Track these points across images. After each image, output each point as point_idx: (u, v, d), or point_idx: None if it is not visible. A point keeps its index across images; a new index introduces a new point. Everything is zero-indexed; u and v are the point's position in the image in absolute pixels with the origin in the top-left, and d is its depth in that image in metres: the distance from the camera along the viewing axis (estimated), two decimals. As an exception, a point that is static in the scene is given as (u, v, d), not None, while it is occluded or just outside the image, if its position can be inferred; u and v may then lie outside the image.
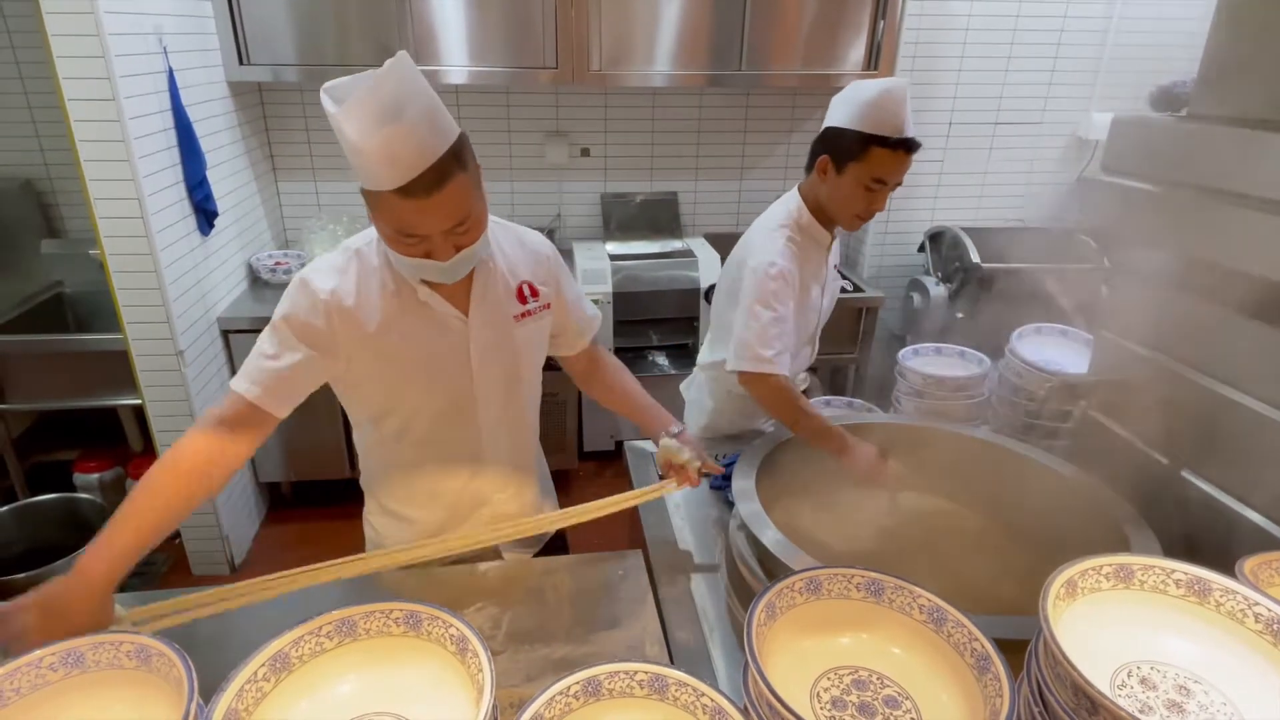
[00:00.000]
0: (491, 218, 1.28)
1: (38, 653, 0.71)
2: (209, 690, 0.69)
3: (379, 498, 1.41)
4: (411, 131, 0.97)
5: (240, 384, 1.15)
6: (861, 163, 1.55)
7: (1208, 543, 1.21)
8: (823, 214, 1.69)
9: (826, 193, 1.64)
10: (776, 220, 1.71)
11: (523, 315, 1.31)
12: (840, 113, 1.58)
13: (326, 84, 1.01)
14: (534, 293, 1.32)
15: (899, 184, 1.59)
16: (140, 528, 1.04)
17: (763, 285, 1.62)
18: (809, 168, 1.68)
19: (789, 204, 1.73)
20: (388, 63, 0.97)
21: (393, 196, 1.00)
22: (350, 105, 0.96)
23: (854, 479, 1.48)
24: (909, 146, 1.54)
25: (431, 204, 1.01)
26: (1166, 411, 1.31)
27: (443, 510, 1.38)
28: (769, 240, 1.68)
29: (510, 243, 1.33)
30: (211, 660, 0.75)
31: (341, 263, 1.19)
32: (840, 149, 1.58)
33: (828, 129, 1.61)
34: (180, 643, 0.73)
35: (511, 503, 1.42)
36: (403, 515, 1.39)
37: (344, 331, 1.17)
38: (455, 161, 1.02)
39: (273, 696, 0.72)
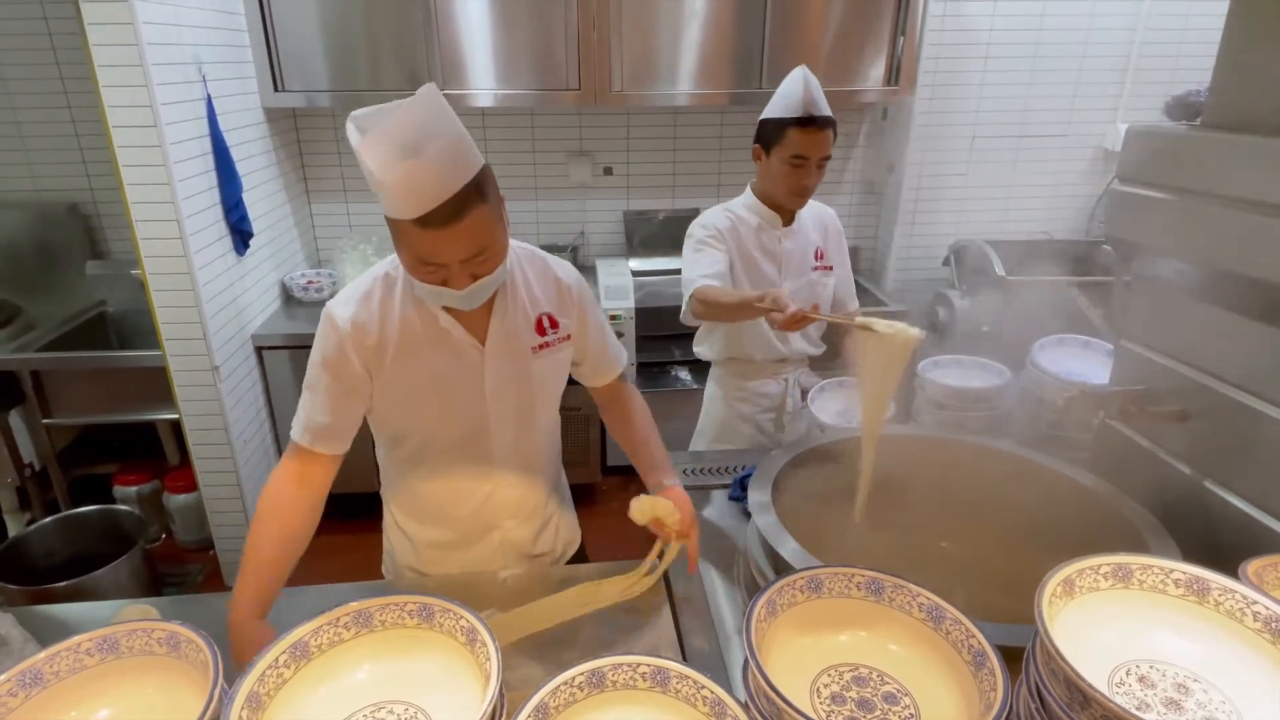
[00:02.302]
0: (520, 244, 1.32)
1: (76, 638, 0.75)
2: (234, 676, 0.73)
3: (394, 513, 1.45)
4: (432, 166, 0.99)
5: (296, 434, 1.24)
6: (781, 144, 1.82)
7: (1232, 553, 1.19)
8: (770, 199, 1.95)
9: (764, 176, 1.92)
10: (723, 204, 2.02)
11: (540, 347, 1.31)
12: (766, 110, 1.85)
13: (354, 113, 1.03)
14: (554, 324, 1.32)
15: (826, 158, 1.84)
16: (260, 576, 1.16)
17: (691, 237, 1.95)
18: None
19: (740, 195, 2.02)
20: (416, 95, 0.99)
21: (412, 226, 1.03)
22: (373, 137, 0.98)
23: (785, 328, 1.63)
24: (816, 122, 1.78)
25: (449, 234, 1.03)
26: (1189, 421, 1.30)
27: (454, 533, 1.41)
28: (705, 214, 1.99)
29: (536, 272, 1.33)
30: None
31: (367, 288, 1.23)
32: (765, 137, 1.86)
33: (758, 123, 1.88)
34: (209, 633, 0.77)
35: (522, 528, 1.44)
36: (414, 535, 1.43)
37: (365, 358, 1.21)
38: (475, 194, 1.04)
39: (293, 683, 0.75)
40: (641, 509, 1.27)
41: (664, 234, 3.49)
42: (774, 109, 1.83)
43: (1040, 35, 3.20)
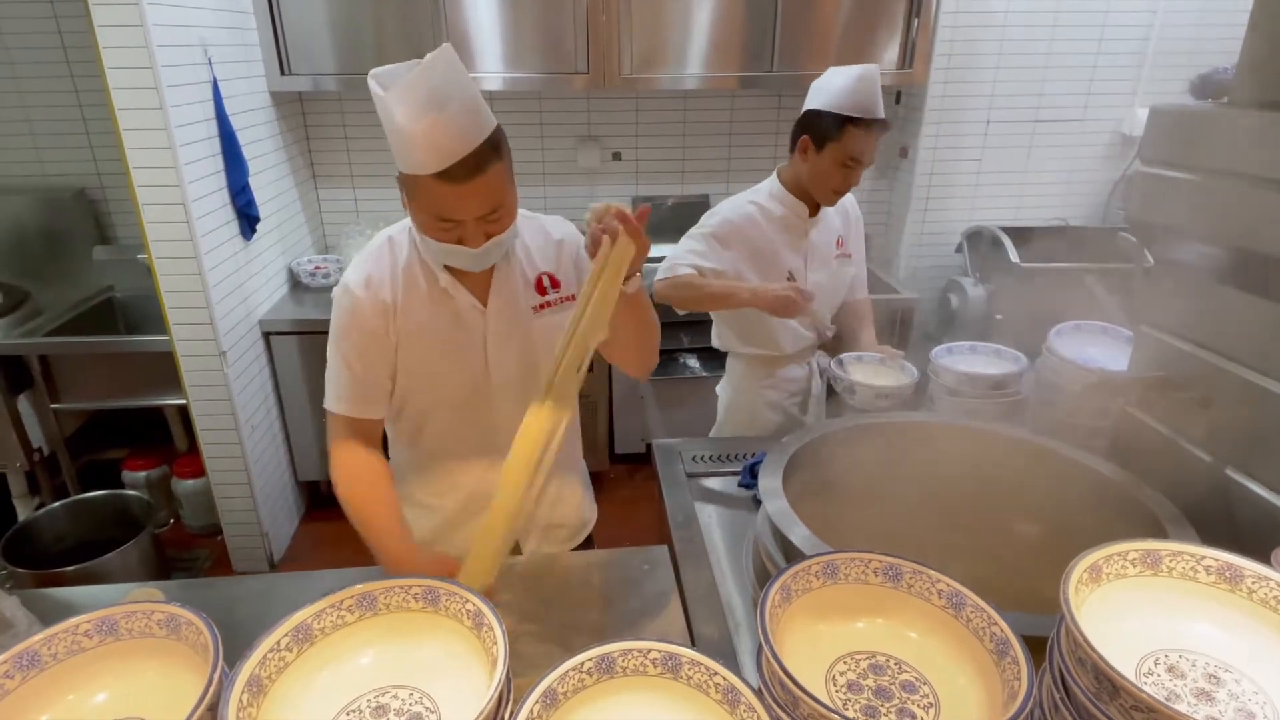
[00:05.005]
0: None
1: (73, 620, 0.74)
2: (235, 659, 0.71)
3: (403, 490, 1.43)
4: (455, 120, 1.01)
5: (330, 402, 1.26)
6: (838, 142, 1.72)
7: (1254, 542, 1.16)
8: (801, 190, 1.86)
9: (807, 171, 1.81)
10: (747, 190, 1.93)
11: (541, 306, 1.32)
12: (819, 97, 1.75)
13: (374, 70, 1.04)
14: (554, 284, 1.33)
15: (872, 162, 1.76)
16: (393, 514, 1.21)
17: (699, 225, 1.88)
18: (791, 148, 1.84)
19: (765, 181, 1.92)
20: (433, 53, 1.01)
21: (432, 181, 1.04)
22: (399, 90, 1.00)
23: (772, 311, 1.75)
24: (879, 126, 1.72)
25: (469, 189, 1.05)
26: (1210, 408, 1.27)
27: (463, 497, 1.40)
28: (730, 200, 1.92)
29: (533, 234, 1.34)
30: (242, 632, 0.78)
31: (375, 250, 1.26)
32: (819, 130, 1.75)
33: (808, 111, 1.77)
34: (215, 616, 0.75)
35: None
36: (426, 504, 1.42)
37: (384, 315, 1.23)
38: (493, 150, 1.06)
39: (295, 666, 0.74)
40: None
41: (673, 220, 3.44)
42: (834, 103, 1.72)
43: (1057, 17, 3.14)
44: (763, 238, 1.87)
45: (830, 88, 1.73)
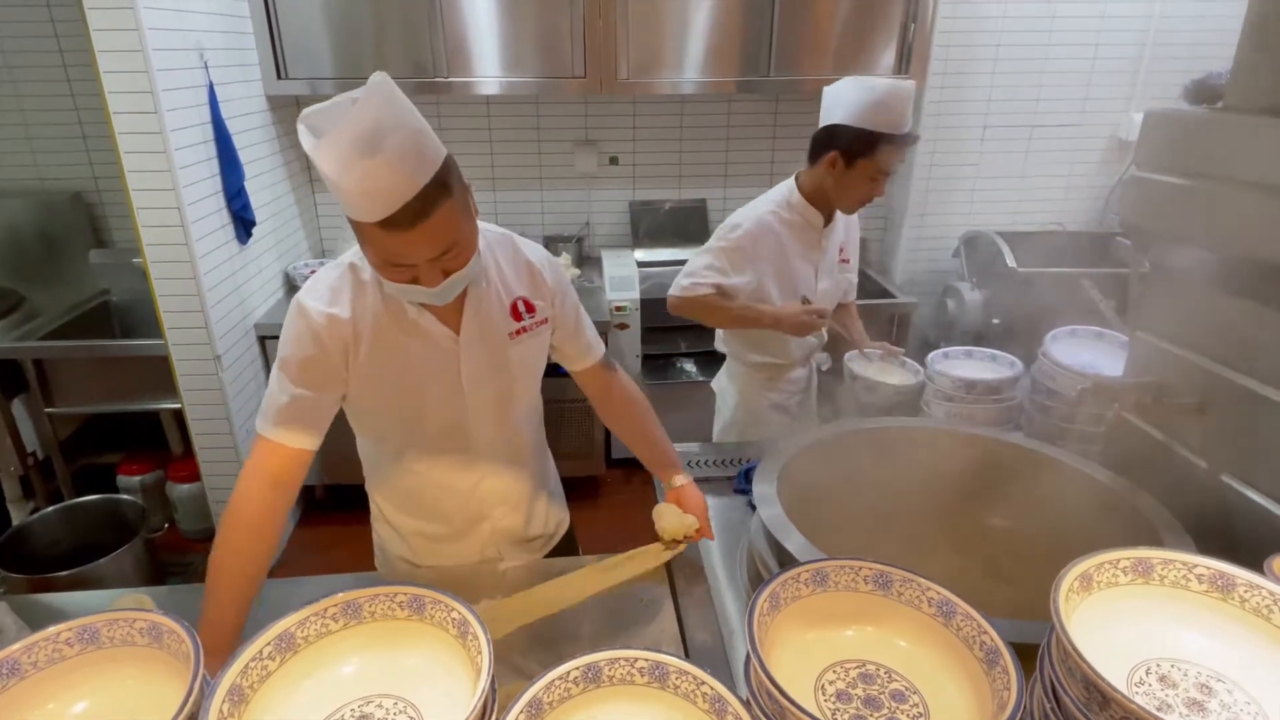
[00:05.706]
0: (487, 226, 1.26)
1: (55, 628, 0.73)
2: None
3: (381, 506, 1.42)
4: (392, 164, 0.93)
5: (264, 427, 1.15)
6: (871, 158, 1.70)
7: (1250, 550, 1.16)
8: (821, 200, 1.84)
9: (833, 184, 1.78)
10: (764, 198, 1.89)
11: (517, 333, 1.26)
12: (845, 110, 1.70)
13: (305, 111, 0.96)
14: (529, 308, 1.28)
15: (895, 171, 1.76)
16: (236, 601, 1.09)
17: (720, 238, 1.86)
18: (811, 158, 1.81)
19: (782, 187, 1.89)
20: (367, 87, 0.93)
21: (376, 228, 0.97)
22: (327, 140, 0.92)
23: (793, 334, 1.84)
24: (911, 140, 1.72)
25: (415, 235, 0.98)
26: (1205, 413, 1.27)
27: (444, 525, 1.38)
28: (749, 209, 1.87)
29: (506, 256, 1.28)
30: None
31: (336, 280, 1.17)
32: (850, 146, 1.71)
33: (836, 126, 1.72)
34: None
35: (512, 515, 1.41)
36: (403, 527, 1.40)
37: (342, 353, 1.16)
38: (440, 189, 0.98)
39: (277, 675, 0.73)
40: (668, 528, 1.33)
41: (670, 224, 3.45)
42: (865, 119, 1.67)
43: (1054, 22, 3.14)
44: (780, 248, 1.86)
45: (860, 102, 1.68)
